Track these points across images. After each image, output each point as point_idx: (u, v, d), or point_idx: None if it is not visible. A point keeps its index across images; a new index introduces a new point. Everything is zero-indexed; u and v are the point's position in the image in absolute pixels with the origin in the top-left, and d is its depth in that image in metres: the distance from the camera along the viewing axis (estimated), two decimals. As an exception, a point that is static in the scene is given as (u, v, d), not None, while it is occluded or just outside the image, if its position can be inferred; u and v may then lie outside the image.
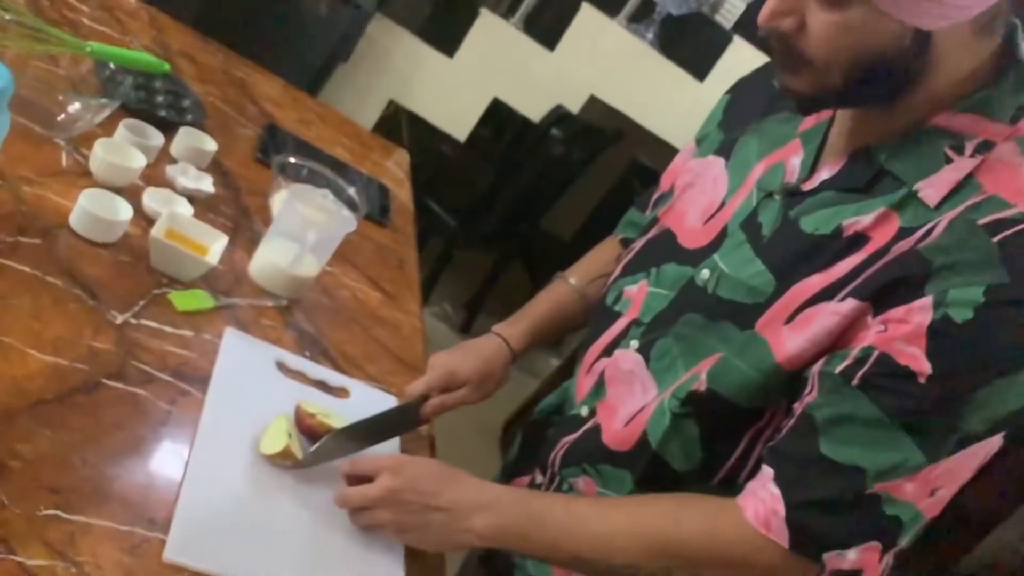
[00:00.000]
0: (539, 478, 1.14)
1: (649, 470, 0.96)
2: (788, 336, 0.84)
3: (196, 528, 0.84)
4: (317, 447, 0.98)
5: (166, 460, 0.90)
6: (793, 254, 0.87)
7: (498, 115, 3.24)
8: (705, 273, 0.96)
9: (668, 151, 3.26)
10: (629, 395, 1.01)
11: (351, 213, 1.33)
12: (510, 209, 3.11)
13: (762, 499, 0.82)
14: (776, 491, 0.81)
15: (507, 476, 1.25)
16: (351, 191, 1.43)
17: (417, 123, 3.22)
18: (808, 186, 0.90)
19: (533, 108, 3.21)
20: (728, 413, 0.89)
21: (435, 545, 0.91)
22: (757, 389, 0.86)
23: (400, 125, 3.13)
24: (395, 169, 1.99)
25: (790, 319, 0.84)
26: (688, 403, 0.91)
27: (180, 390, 0.99)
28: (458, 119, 3.23)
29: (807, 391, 0.83)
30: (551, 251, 3.35)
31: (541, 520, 0.89)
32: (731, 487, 0.94)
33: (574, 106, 3.19)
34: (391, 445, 1.10)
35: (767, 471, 0.83)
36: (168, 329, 1.06)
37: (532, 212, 3.23)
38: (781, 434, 0.84)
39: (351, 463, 0.96)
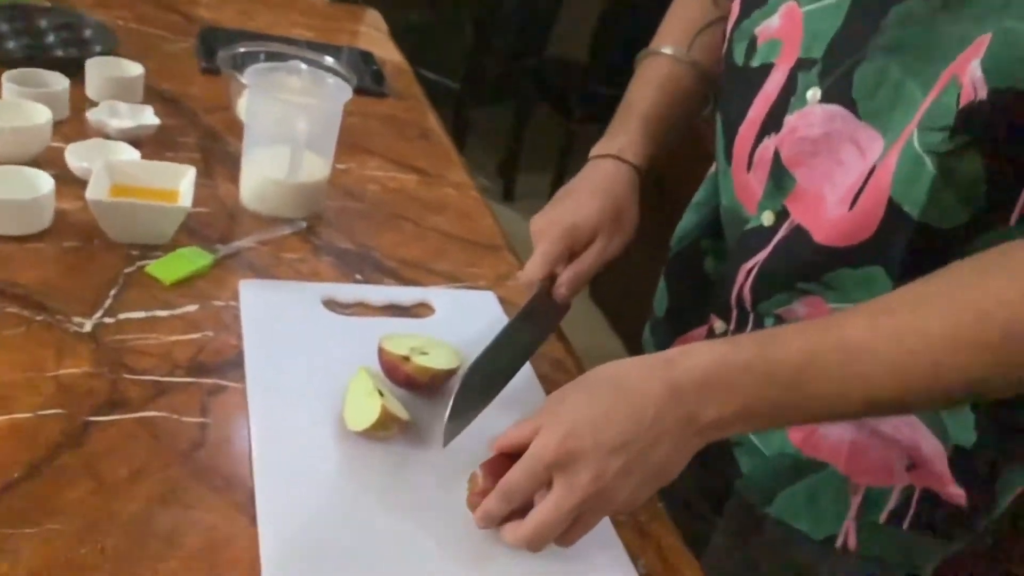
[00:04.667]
0: (719, 326, 0.82)
1: (912, 249, 0.63)
2: None
3: (299, 569, 0.55)
4: (451, 421, 0.64)
5: (223, 495, 0.60)
6: None
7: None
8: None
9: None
10: (836, 167, 0.66)
11: (339, 80, 0.97)
12: (509, 46, 2.69)
13: None
14: None
15: (663, 338, 0.93)
16: (327, 60, 1.07)
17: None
18: None
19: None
20: None
21: (664, 482, 0.60)
22: None
23: None
24: (373, 32, 1.61)
25: None
26: (960, 129, 0.56)
27: (207, 388, 0.68)
28: (415, -38, 2.77)
29: None
30: (571, 77, 2.92)
31: (804, 383, 0.56)
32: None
33: None
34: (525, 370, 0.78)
35: None
36: (162, 314, 0.75)
37: (534, 40, 2.81)
38: None
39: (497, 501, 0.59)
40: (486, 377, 0.68)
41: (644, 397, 0.56)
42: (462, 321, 0.84)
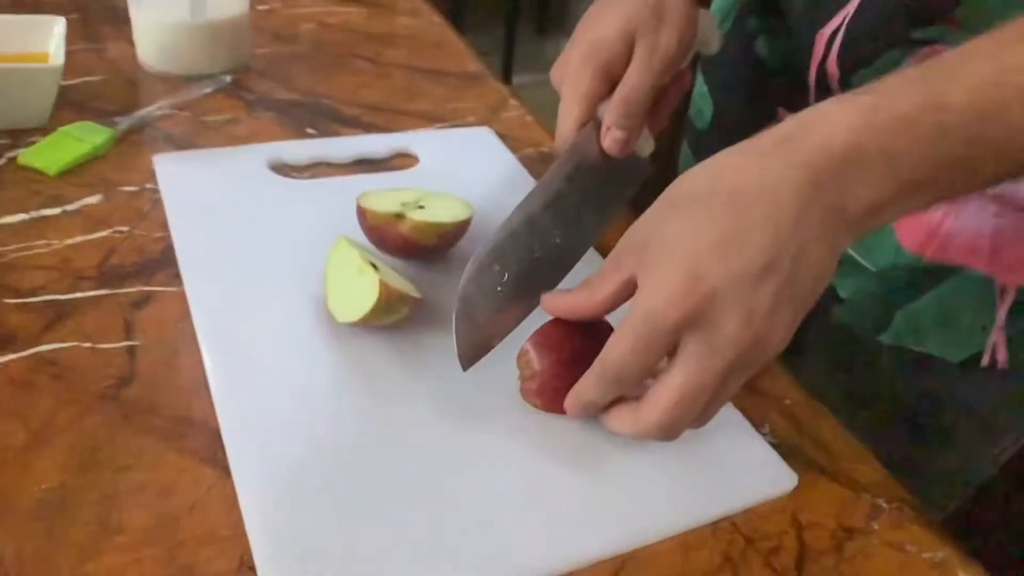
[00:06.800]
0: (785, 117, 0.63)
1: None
2: None
3: (301, 534, 0.37)
4: (465, 325, 0.44)
5: (175, 443, 0.41)
6: None
7: None
8: None
9: None
10: None
11: None
12: None
13: None
14: None
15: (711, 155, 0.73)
16: None
17: None
18: None
19: None
20: None
21: (812, 304, 0.42)
22: None
23: None
24: None
25: None
26: None
27: (130, 300, 0.48)
28: None
29: None
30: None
31: (992, 126, 0.37)
32: None
33: None
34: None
35: None
36: (50, 212, 0.54)
37: None
38: None
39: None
40: (514, 267, 0.46)
41: (774, 194, 0.38)
42: (457, 168, 0.64)
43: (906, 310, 0.61)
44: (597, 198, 0.52)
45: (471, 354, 0.44)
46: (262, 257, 0.51)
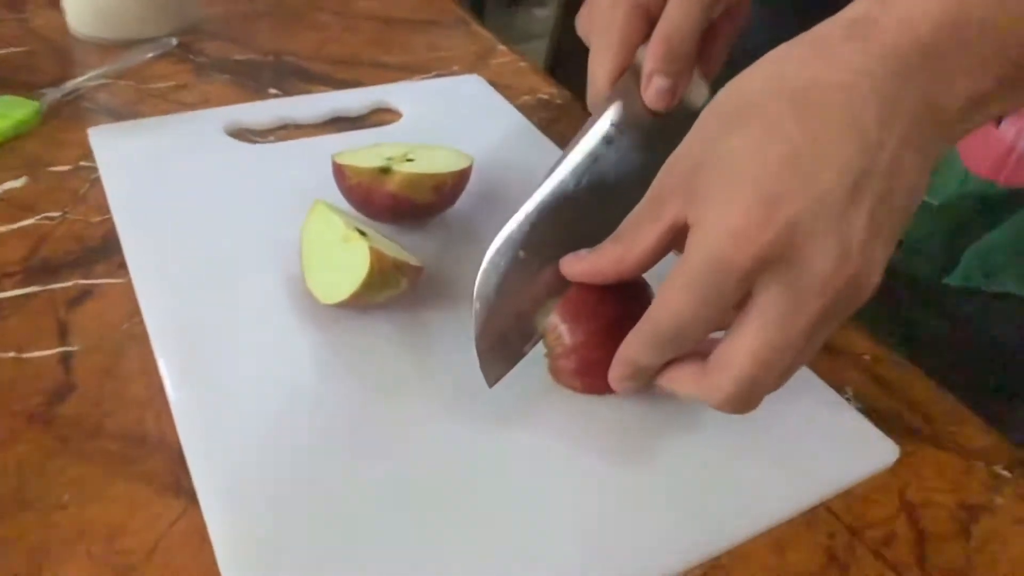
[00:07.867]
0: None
1: None
2: None
3: (290, 571, 0.28)
4: (486, 336, 0.35)
5: (127, 468, 0.32)
6: None
7: None
8: None
9: None
10: None
11: None
12: None
13: None
14: None
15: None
16: None
17: None
18: None
19: None
20: None
21: (907, 224, 0.33)
22: None
23: None
24: None
25: None
26: None
27: (64, 297, 0.39)
28: None
29: None
30: None
31: None
32: None
33: None
34: None
35: None
36: (-35, 201, 0.45)
37: None
38: None
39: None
40: (544, 253, 0.37)
41: (851, 92, 0.29)
42: (447, 120, 0.55)
43: (977, 245, 0.53)
44: (643, 163, 0.41)
45: (498, 365, 0.36)
46: (223, 235, 0.43)
